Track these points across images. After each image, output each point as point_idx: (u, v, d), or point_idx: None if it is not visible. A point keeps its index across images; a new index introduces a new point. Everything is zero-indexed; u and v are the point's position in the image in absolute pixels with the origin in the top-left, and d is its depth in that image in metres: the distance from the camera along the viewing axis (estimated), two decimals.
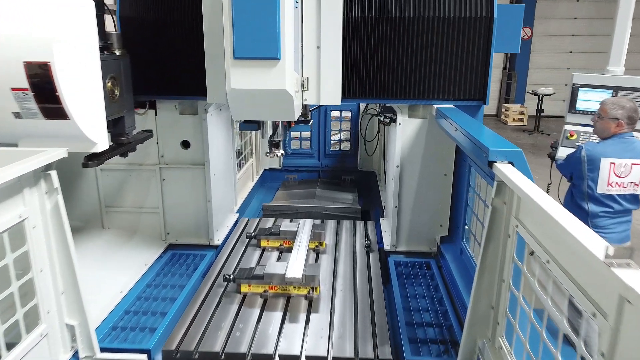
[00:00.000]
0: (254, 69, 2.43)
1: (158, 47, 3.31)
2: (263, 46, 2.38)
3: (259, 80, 2.45)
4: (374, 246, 3.79)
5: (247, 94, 2.52)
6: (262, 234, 3.71)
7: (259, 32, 2.37)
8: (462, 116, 3.04)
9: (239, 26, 2.38)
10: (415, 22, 3.21)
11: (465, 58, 3.27)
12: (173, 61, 3.32)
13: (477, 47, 3.25)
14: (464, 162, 3.37)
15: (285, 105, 2.57)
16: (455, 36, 3.22)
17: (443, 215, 3.68)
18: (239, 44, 2.39)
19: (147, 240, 3.83)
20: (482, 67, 3.29)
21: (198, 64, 3.21)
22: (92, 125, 2.55)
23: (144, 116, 3.62)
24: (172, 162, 3.73)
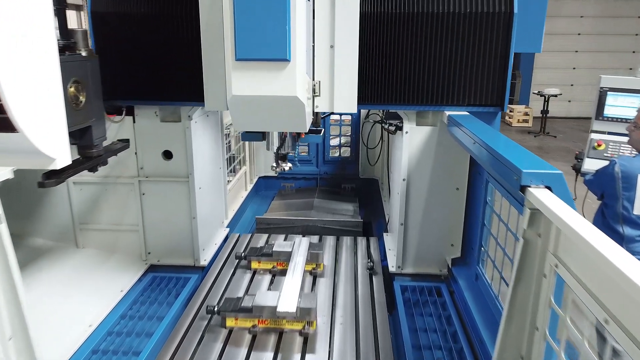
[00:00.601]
0: (260, 73, 2.10)
1: (137, 46, 2.94)
2: (270, 45, 2.05)
3: (266, 85, 2.11)
4: (377, 268, 3.40)
5: (251, 102, 2.19)
6: (252, 255, 3.33)
7: (266, 29, 2.04)
8: (479, 125, 2.66)
9: (241, 22, 2.05)
10: (425, 18, 2.83)
11: (481, 59, 2.89)
12: (155, 62, 2.95)
13: (494, 46, 2.87)
14: (480, 175, 2.99)
15: (295, 114, 2.23)
16: (469, 34, 2.84)
17: (455, 234, 3.30)
18: (241, 43, 2.06)
19: (125, 261, 3.45)
20: (500, 69, 2.91)
21: (187, 65, 2.88)
22: (48, 137, 2.15)
23: (120, 124, 3.24)
24: (152, 174, 3.35)
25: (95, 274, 3.27)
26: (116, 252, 3.50)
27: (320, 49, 2.51)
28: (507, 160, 1.88)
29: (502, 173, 2.00)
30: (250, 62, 2.11)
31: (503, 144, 2.19)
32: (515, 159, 1.86)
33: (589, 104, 14.85)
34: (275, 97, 2.15)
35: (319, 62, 2.52)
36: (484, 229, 2.90)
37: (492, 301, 2.61)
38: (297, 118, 2.27)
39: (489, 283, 2.73)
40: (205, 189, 3.53)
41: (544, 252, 1.76)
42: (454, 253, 3.33)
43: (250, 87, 2.14)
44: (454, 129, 2.86)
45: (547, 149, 11.31)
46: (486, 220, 2.88)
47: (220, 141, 3.92)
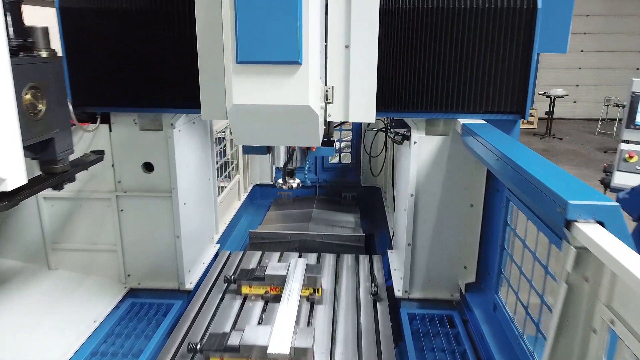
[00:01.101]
0: (265, 78, 1.81)
1: (113, 46, 2.61)
2: (278, 45, 1.77)
3: (272, 92, 1.82)
4: (381, 292, 3.06)
5: (255, 112, 1.88)
6: (243, 278, 2.99)
7: (273, 26, 1.76)
8: (500, 137, 2.32)
9: (244, 17, 1.75)
10: (435, 14, 2.49)
11: (499, 60, 2.55)
12: (134, 63, 2.62)
13: (515, 46, 2.53)
14: (499, 192, 2.65)
15: (308, 126, 1.93)
16: (487, 32, 2.51)
17: (468, 256, 2.96)
18: (244, 43, 1.76)
19: (102, 284, 3.11)
20: (521, 72, 2.57)
21: (171, 67, 2.58)
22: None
23: (94, 133, 2.89)
24: (131, 189, 3.01)
25: (67, 300, 2.93)
26: (92, 275, 3.16)
27: (333, 50, 2.21)
28: (546, 187, 1.54)
29: (536, 199, 1.66)
30: (254, 65, 1.81)
31: (535, 162, 1.85)
32: (556, 185, 1.52)
33: (595, 105, 14.63)
34: (284, 107, 1.85)
35: (332, 64, 2.22)
36: (504, 253, 2.56)
37: (516, 340, 2.27)
38: (309, 130, 1.96)
39: (511, 317, 2.39)
40: (191, 204, 3.19)
41: (593, 302, 1.43)
42: (467, 277, 2.99)
43: (254, 95, 1.83)
44: (470, 140, 2.53)
45: (553, 152, 10.97)
46: (506, 242, 2.54)
47: (209, 150, 3.58)
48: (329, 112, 2.34)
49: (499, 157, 2.04)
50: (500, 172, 2.08)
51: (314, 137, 2.00)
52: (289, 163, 2.52)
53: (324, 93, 2.24)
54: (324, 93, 2.24)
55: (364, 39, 2.18)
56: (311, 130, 1.97)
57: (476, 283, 2.91)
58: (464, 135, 2.61)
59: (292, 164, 2.53)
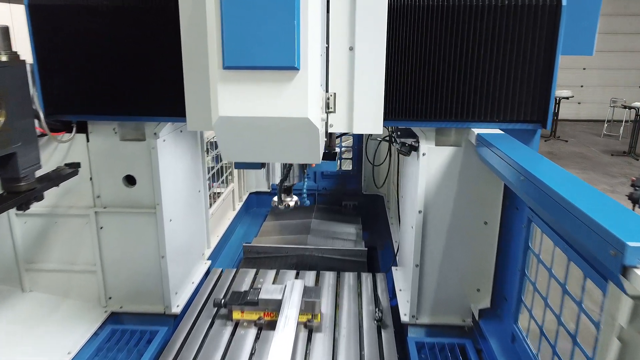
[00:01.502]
0: (257, 86, 1.59)
1: (91, 47, 2.34)
2: (272, 48, 1.54)
3: (265, 103, 1.60)
4: (386, 317, 2.79)
5: (244, 125, 1.64)
6: (234, 302, 2.72)
7: (265, 25, 1.53)
8: (522, 151, 2.05)
9: (231, 13, 1.50)
10: (449, 12, 2.23)
11: (519, 63, 2.28)
12: (114, 67, 2.36)
13: (536, 48, 2.26)
14: (518, 210, 2.38)
15: (306, 141, 1.70)
16: (505, 32, 2.24)
17: (482, 278, 2.69)
18: (231, 45, 1.52)
19: (80, 308, 2.84)
20: (542, 76, 2.30)
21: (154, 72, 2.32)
22: None
23: (70, 144, 2.63)
24: (112, 204, 2.74)
25: (41, 327, 2.66)
26: (69, 297, 2.89)
27: (336, 52, 1.99)
28: (593, 221, 1.27)
29: (578, 233, 1.39)
30: (244, 71, 1.57)
31: (571, 184, 1.58)
32: (607, 219, 1.24)
33: (600, 107, 14.36)
34: (278, 120, 1.61)
35: (335, 68, 2.00)
36: (524, 279, 2.29)
37: None
38: (308, 146, 1.72)
39: (534, 354, 2.12)
40: (179, 220, 2.92)
41: None
42: (480, 300, 2.72)
43: (243, 106, 1.59)
44: (486, 152, 2.26)
45: (559, 155, 10.69)
46: (527, 267, 2.27)
47: (199, 159, 3.31)
48: (330, 122, 2.09)
49: (524, 175, 1.77)
50: (525, 193, 1.81)
51: (314, 153, 1.75)
52: (285, 180, 2.26)
53: (325, 102, 1.99)
54: (325, 102, 1.99)
55: (370, 39, 1.95)
56: (310, 146, 1.71)
57: (491, 309, 2.64)
58: (479, 147, 2.35)
59: (289, 181, 2.28)
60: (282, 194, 2.39)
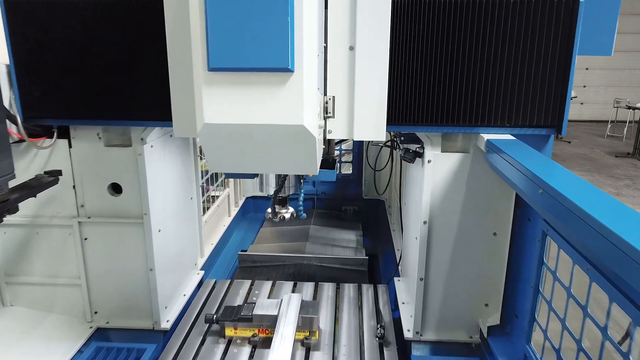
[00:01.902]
0: (246, 90, 1.44)
1: (72, 47, 2.18)
2: (263, 47, 1.39)
3: (256, 109, 1.45)
4: (388, 334, 2.63)
5: (233, 134, 1.49)
6: (227, 318, 2.55)
7: (255, 21, 1.38)
8: (538, 160, 1.89)
9: (217, 9, 1.35)
10: (457, 8, 2.06)
11: (532, 63, 2.12)
12: (97, 68, 2.19)
13: (551, 47, 2.10)
14: (531, 222, 2.22)
15: (302, 150, 1.54)
16: (518, 30, 2.08)
17: (491, 293, 2.53)
18: (217, 44, 1.36)
19: (64, 323, 2.68)
20: (557, 78, 2.14)
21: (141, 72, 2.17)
22: None
23: (50, 150, 2.47)
24: (96, 214, 2.57)
25: (23, 343, 2.50)
26: (53, 312, 2.72)
27: (335, 52, 1.84)
28: (625, 242, 1.10)
29: (603, 252, 1.22)
30: (231, 73, 1.41)
31: (597, 199, 1.41)
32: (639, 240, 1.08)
33: (603, 107, 14.17)
34: (271, 127, 1.45)
35: (334, 69, 1.85)
36: (538, 296, 2.13)
37: None
38: (304, 156, 1.56)
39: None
40: (169, 230, 2.75)
41: None
42: (489, 316, 2.55)
43: (231, 112, 1.44)
44: (496, 159, 2.09)
45: (563, 157, 10.52)
46: (541, 283, 2.11)
47: (192, 164, 3.15)
48: (329, 127, 1.94)
49: (543, 188, 1.60)
50: (541, 206, 1.64)
51: (311, 163, 1.59)
52: (280, 190, 2.10)
53: (323, 106, 1.83)
54: (323, 106, 1.83)
55: (372, 38, 1.80)
56: (306, 155, 1.56)
57: (501, 326, 2.48)
58: (489, 154, 2.18)
59: (284, 191, 2.12)
60: (275, 205, 2.23)
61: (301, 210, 2.30)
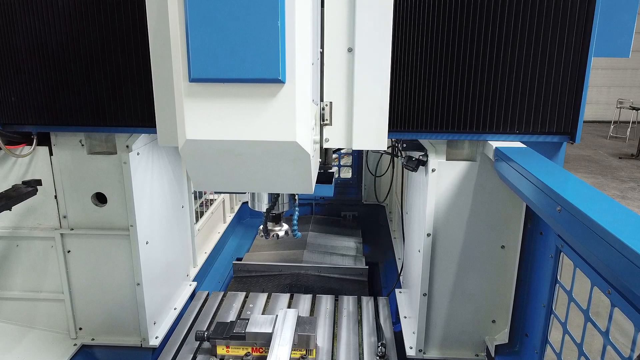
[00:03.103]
0: (232, 103, 1.31)
1: (52, 48, 2.03)
2: (251, 56, 1.25)
3: (243, 124, 1.32)
4: (390, 352, 2.48)
5: (218, 150, 1.35)
6: (219, 336, 2.41)
7: (242, 27, 1.23)
8: (553, 171, 1.74)
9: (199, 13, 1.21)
10: (463, 7, 1.92)
11: (544, 66, 1.97)
12: (79, 71, 2.05)
13: (564, 49, 1.95)
14: (543, 237, 2.07)
15: (295, 169, 1.41)
16: (529, 30, 1.93)
17: (498, 309, 2.38)
18: (199, 52, 1.24)
19: (48, 340, 2.54)
20: (571, 82, 1.99)
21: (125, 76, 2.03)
22: None
23: (30, 158, 2.32)
24: (80, 225, 2.43)
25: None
26: (35, 328, 2.58)
27: (332, 54, 1.70)
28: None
29: (629, 276, 1.08)
30: (215, 84, 1.27)
31: (620, 216, 1.27)
32: None
33: (606, 107, 14.02)
34: (260, 144, 1.32)
35: (331, 73, 1.72)
36: (550, 316, 1.98)
37: None
38: (297, 174, 1.43)
39: None
40: (157, 241, 2.61)
41: None
42: (496, 333, 2.41)
43: (216, 127, 1.31)
44: (505, 168, 1.95)
45: (566, 158, 10.25)
46: (553, 302, 1.96)
47: (183, 172, 3.00)
48: (326, 136, 1.79)
49: (562, 205, 1.45)
50: (561, 226, 1.49)
51: (305, 181, 1.45)
52: (272, 208, 1.96)
53: (320, 113, 1.69)
54: (320, 113, 1.69)
55: (373, 39, 1.66)
56: (300, 174, 1.42)
57: (509, 345, 2.33)
58: (497, 162, 2.03)
59: (277, 208, 1.98)
60: (267, 222, 2.09)
61: (296, 230, 2.16)
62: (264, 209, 2.01)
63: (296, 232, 2.15)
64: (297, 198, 2.09)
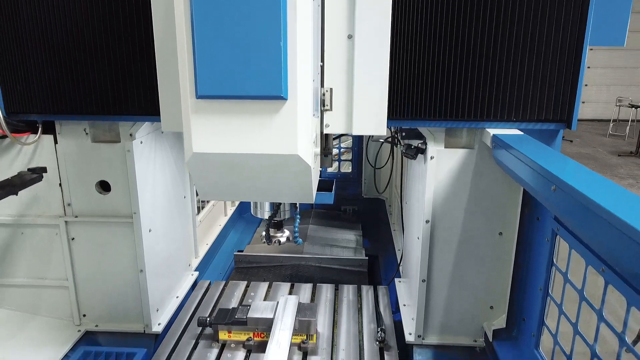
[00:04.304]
0: (237, 118, 1.38)
1: (56, 37, 2.07)
2: (254, 75, 1.31)
3: (247, 137, 1.39)
4: (389, 338, 2.52)
5: (223, 163, 1.42)
6: (221, 321, 2.44)
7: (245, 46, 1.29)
8: (553, 157, 1.78)
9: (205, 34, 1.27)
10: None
11: (541, 54, 2.01)
12: (84, 60, 2.09)
13: (561, 37, 1.99)
14: (540, 222, 2.11)
15: (297, 179, 1.47)
16: (525, 18, 1.97)
17: (496, 295, 2.42)
18: (205, 71, 1.31)
19: (51, 327, 2.57)
20: (567, 70, 2.03)
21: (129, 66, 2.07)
22: None
23: (35, 146, 2.36)
24: (84, 213, 2.47)
25: (7, 347, 2.40)
26: (39, 315, 2.62)
27: (332, 41, 1.75)
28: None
29: (623, 251, 1.12)
30: (221, 100, 1.33)
31: (616, 195, 1.31)
32: None
33: (605, 106, 14.05)
34: (263, 157, 1.38)
35: (331, 60, 1.77)
36: (547, 299, 2.02)
37: None
38: (298, 185, 1.50)
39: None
40: (160, 230, 2.64)
41: None
42: (494, 318, 2.45)
43: (221, 141, 1.37)
44: (504, 155, 1.99)
45: None
46: (550, 285, 2.00)
47: (184, 163, 3.03)
48: (327, 121, 1.84)
49: (557, 185, 1.49)
50: (557, 206, 1.53)
51: (306, 192, 1.53)
52: (275, 216, 2.05)
53: (320, 98, 1.73)
54: (320, 98, 1.73)
55: (372, 26, 1.71)
56: (301, 184, 1.49)
57: (507, 329, 2.37)
58: (496, 149, 2.07)
59: (279, 215, 2.07)
60: (270, 229, 2.18)
61: (297, 236, 2.25)
62: (266, 217, 2.09)
63: (297, 239, 2.24)
64: (298, 206, 2.17)
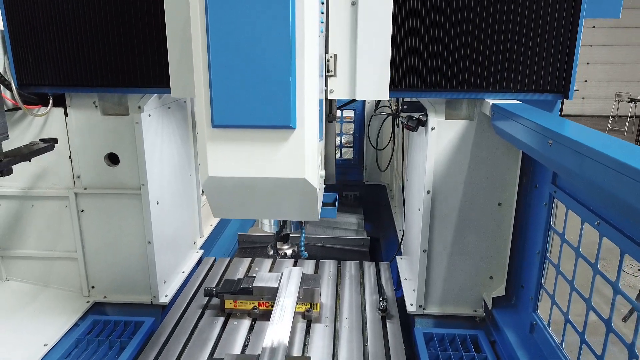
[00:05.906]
0: (249, 145, 1.49)
1: (67, 10, 2.13)
2: (265, 106, 1.44)
3: (258, 163, 1.51)
4: (391, 307, 2.58)
5: (236, 185, 1.53)
6: (227, 291, 2.50)
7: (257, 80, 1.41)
8: (549, 117, 1.84)
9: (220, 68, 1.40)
10: None
11: (538, 26, 2.07)
12: (93, 33, 2.15)
13: (558, 9, 2.05)
14: (537, 189, 2.17)
15: (303, 200, 1.60)
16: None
17: (495, 265, 2.48)
18: (220, 103, 1.43)
19: (61, 298, 2.63)
20: (564, 42, 2.09)
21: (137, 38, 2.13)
22: None
23: (46, 118, 2.42)
24: (93, 185, 2.53)
25: (18, 317, 2.46)
26: (49, 286, 2.68)
27: (336, 8, 1.82)
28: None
29: (620, 191, 1.18)
30: (235, 129, 1.46)
31: (612, 143, 1.37)
32: None
33: (605, 101, 14.12)
34: (273, 180, 1.50)
35: (335, 26, 1.83)
36: (545, 262, 2.08)
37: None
38: (305, 205, 1.61)
39: (557, 343, 1.90)
40: (167, 204, 2.70)
41: None
42: (494, 288, 2.50)
43: (234, 166, 1.51)
44: (503, 122, 2.05)
45: None
46: (548, 249, 2.06)
47: (191, 142, 3.09)
48: (331, 87, 1.91)
49: (553, 139, 1.55)
50: (554, 159, 1.59)
51: (312, 211, 1.63)
52: (282, 231, 2.18)
53: (325, 64, 1.80)
54: (325, 64, 1.80)
55: None
56: (308, 204, 1.60)
57: (506, 297, 2.43)
58: (495, 119, 2.13)
59: (285, 230, 2.18)
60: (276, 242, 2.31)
61: (303, 249, 2.37)
62: (274, 231, 2.20)
63: (303, 252, 2.40)
64: (304, 222, 2.28)
